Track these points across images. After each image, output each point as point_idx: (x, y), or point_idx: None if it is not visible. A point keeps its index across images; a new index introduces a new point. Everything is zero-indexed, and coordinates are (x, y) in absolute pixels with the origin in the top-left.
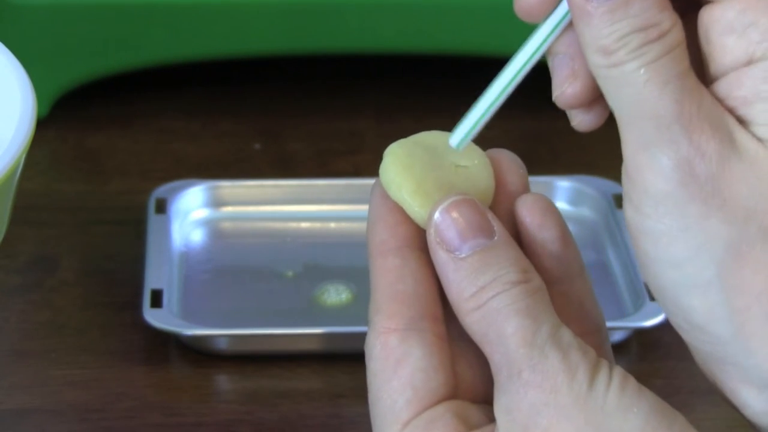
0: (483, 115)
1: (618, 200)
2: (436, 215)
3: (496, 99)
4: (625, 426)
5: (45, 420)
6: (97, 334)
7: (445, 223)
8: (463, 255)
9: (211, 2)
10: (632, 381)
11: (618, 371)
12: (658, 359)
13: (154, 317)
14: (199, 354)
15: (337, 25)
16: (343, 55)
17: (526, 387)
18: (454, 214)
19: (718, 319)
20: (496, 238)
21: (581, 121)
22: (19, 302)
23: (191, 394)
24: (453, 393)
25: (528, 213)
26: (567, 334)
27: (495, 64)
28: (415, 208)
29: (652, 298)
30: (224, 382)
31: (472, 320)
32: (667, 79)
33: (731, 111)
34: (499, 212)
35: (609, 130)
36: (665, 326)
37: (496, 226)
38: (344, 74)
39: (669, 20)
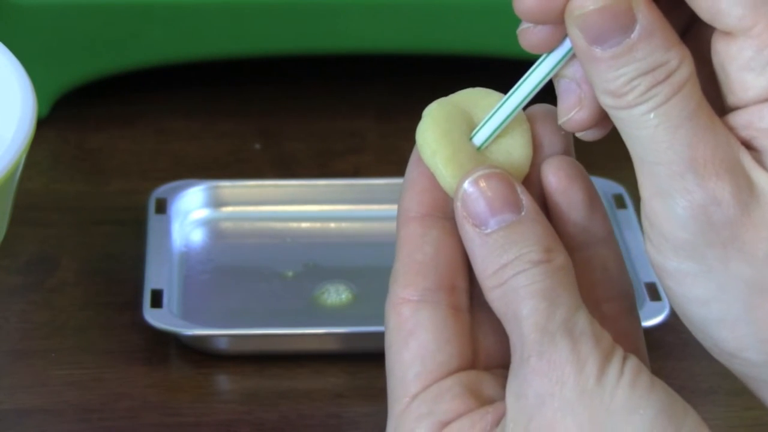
0: (509, 116)
1: (618, 200)
2: (464, 188)
3: (524, 100)
4: (628, 428)
5: (45, 420)
6: (97, 334)
7: (473, 198)
8: (489, 231)
9: (211, 2)
10: (644, 376)
11: (631, 364)
12: (658, 359)
13: (154, 317)
14: (199, 354)
15: (337, 25)
16: (343, 55)
17: (533, 374)
18: (482, 188)
19: (748, 347)
20: (523, 213)
21: (586, 134)
22: (19, 302)
23: (191, 394)
24: (467, 364)
25: (553, 177)
26: (582, 320)
27: (495, 64)
28: (447, 178)
29: (652, 298)
30: (224, 382)
31: (494, 297)
32: (678, 123)
33: (749, 141)
34: (535, 178)
35: (610, 130)
36: (665, 326)
37: (525, 200)
38: (344, 74)
39: (677, 57)
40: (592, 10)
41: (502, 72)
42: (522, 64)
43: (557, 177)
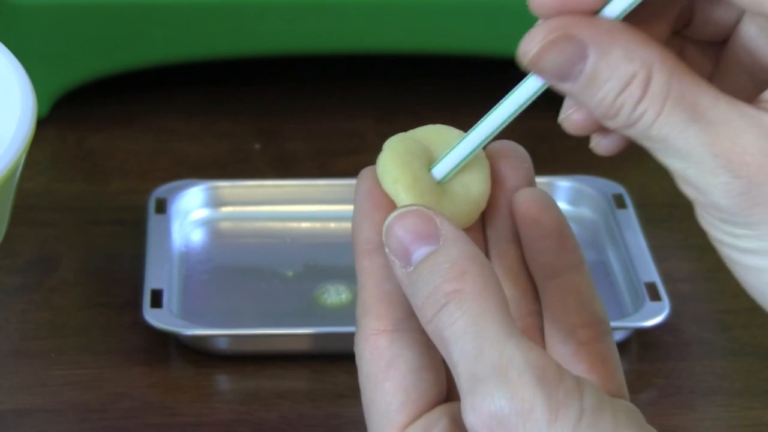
0: (470, 153)
1: (618, 200)
2: (384, 233)
3: (486, 138)
4: None
5: (45, 420)
6: (97, 334)
7: (393, 240)
8: (411, 268)
9: (211, 2)
10: (608, 412)
11: (589, 399)
12: (658, 359)
13: (154, 317)
14: (199, 354)
15: (338, 25)
16: (343, 55)
17: (475, 430)
18: (400, 226)
19: None
20: (441, 242)
21: (597, 143)
22: (19, 302)
23: (191, 394)
24: (445, 390)
25: (525, 208)
26: (517, 351)
27: (495, 64)
28: (409, 203)
29: (652, 298)
30: (224, 382)
31: (430, 333)
32: (683, 128)
33: None
34: (498, 210)
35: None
36: (665, 326)
37: (445, 229)
38: (344, 74)
39: (644, 65)
40: (539, 50)
41: (502, 72)
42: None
43: (528, 207)
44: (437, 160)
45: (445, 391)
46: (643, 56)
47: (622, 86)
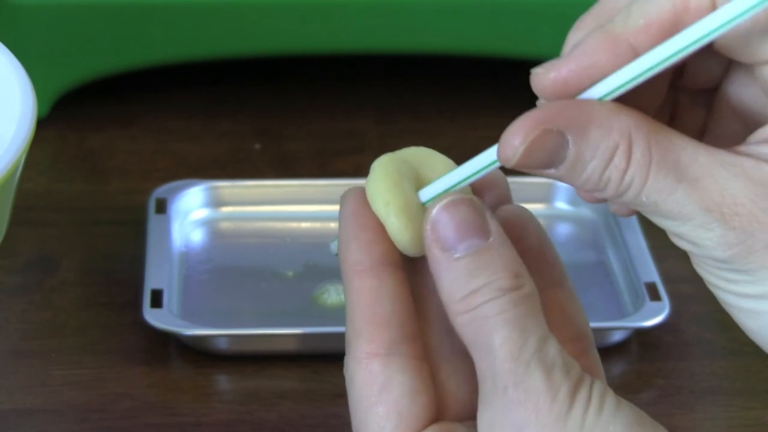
0: (456, 185)
1: None
2: (434, 212)
3: (475, 174)
4: None
5: (45, 420)
6: (97, 334)
7: (443, 221)
8: (458, 255)
9: (211, 2)
10: (610, 399)
11: (597, 390)
12: (658, 359)
13: (154, 317)
14: (199, 354)
15: (338, 25)
16: (343, 55)
17: (510, 404)
18: (452, 213)
19: None
20: (491, 239)
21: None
22: (19, 302)
23: (191, 394)
24: (437, 413)
25: (505, 226)
26: (553, 348)
27: (495, 65)
28: (400, 229)
29: (652, 298)
30: (224, 382)
31: (461, 322)
32: (671, 190)
33: None
34: None
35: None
36: (665, 326)
37: (493, 227)
38: (344, 74)
39: (624, 135)
40: (523, 154)
41: (502, 72)
42: (522, 64)
43: (510, 225)
44: (426, 183)
45: (436, 413)
46: (619, 127)
47: (607, 161)
